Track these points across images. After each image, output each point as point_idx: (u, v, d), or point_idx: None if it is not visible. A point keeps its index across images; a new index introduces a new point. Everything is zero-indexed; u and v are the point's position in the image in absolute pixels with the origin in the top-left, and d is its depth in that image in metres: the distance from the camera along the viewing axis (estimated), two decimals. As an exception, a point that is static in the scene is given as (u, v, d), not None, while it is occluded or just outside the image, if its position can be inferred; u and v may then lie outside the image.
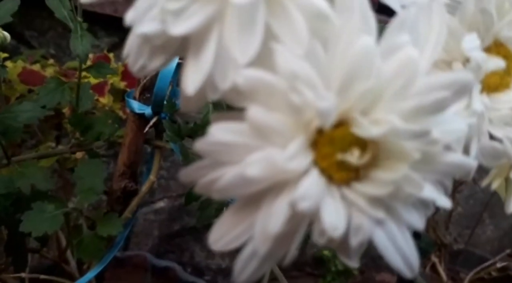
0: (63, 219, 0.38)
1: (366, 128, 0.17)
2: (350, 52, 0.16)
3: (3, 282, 0.46)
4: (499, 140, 0.20)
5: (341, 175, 0.17)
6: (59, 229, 0.47)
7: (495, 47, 0.21)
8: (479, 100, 0.19)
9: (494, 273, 0.89)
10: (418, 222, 0.18)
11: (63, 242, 0.52)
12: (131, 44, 0.17)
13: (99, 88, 0.52)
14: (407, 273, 0.18)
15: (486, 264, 0.92)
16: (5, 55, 0.47)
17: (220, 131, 0.17)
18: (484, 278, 0.88)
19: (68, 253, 0.51)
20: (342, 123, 0.17)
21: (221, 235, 0.18)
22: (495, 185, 0.21)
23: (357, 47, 0.16)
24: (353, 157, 0.17)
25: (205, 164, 0.17)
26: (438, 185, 0.19)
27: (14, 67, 0.47)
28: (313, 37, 0.17)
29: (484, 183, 0.21)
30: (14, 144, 0.50)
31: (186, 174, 0.18)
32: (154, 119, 0.39)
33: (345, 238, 0.17)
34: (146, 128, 0.40)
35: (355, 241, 0.17)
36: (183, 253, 0.73)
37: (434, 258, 0.85)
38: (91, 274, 0.41)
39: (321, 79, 0.16)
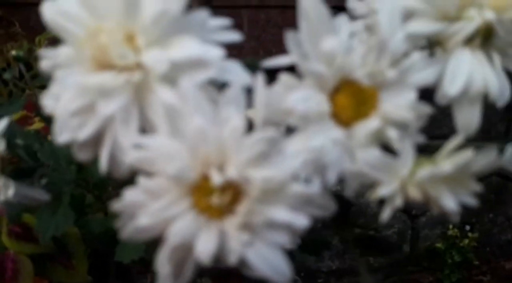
0: (144, 248, 0.48)
1: (213, 179, 0.23)
2: (189, 129, 0.23)
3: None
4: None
5: (215, 212, 0.24)
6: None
7: (346, 86, 0.25)
8: (319, 137, 0.24)
9: None
10: (284, 239, 0.24)
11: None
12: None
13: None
14: (279, 281, 0.24)
15: None
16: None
17: (129, 194, 0.24)
18: None
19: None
20: (206, 177, 0.24)
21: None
22: (373, 197, 0.25)
23: (191, 126, 0.23)
24: (215, 199, 0.23)
25: (125, 217, 0.25)
26: (310, 206, 0.24)
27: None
28: (178, 118, 0.23)
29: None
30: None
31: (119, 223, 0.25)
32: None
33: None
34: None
35: (230, 260, 0.23)
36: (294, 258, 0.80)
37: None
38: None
39: (182, 148, 0.23)
